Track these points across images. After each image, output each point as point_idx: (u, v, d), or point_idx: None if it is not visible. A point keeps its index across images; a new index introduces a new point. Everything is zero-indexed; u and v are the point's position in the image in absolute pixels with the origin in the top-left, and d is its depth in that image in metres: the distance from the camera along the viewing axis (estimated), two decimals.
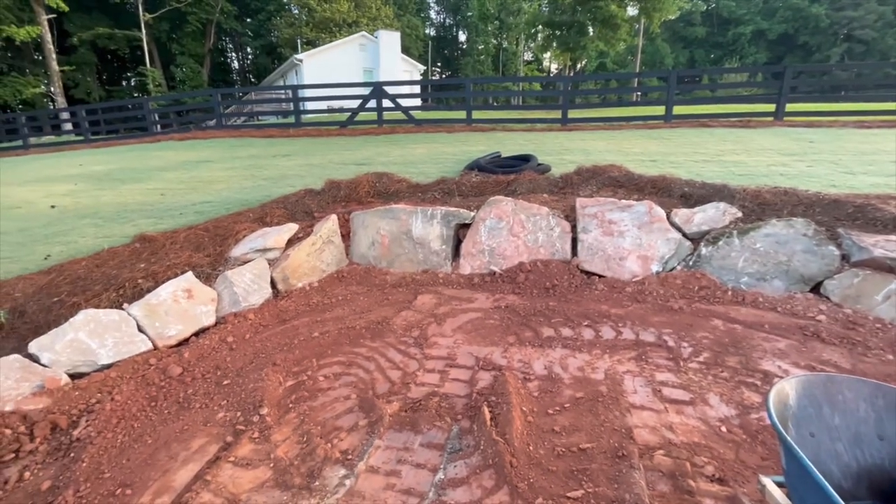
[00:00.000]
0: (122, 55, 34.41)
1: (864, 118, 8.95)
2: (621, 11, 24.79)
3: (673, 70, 11.41)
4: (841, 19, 39.45)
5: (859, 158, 5.71)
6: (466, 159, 6.29)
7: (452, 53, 51.20)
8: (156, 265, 3.53)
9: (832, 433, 1.27)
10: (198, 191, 5.88)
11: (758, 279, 3.40)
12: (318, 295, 3.67)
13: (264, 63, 39.91)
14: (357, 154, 7.56)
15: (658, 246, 3.73)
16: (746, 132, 8.14)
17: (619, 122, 9.93)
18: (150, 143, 11.51)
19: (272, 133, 11.01)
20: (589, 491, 1.69)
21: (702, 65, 45.33)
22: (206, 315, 3.17)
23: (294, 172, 6.41)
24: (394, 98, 10.94)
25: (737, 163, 5.70)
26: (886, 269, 2.99)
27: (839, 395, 1.31)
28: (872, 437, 1.26)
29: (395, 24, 33.14)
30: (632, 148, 6.94)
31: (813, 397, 1.31)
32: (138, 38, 28.88)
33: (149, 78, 28.61)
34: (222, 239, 3.98)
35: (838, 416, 1.29)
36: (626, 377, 2.44)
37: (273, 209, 4.54)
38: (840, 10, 39.40)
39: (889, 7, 38.72)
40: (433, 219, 4.19)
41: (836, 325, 2.88)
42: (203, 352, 2.84)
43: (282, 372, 2.59)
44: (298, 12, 32.99)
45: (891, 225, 3.39)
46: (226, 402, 2.36)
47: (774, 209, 3.80)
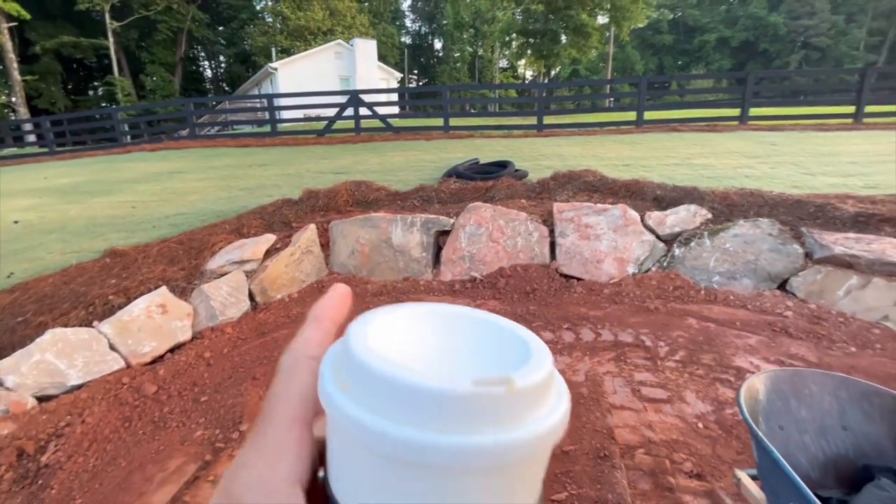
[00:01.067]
0: (89, 64, 33.41)
1: (822, 121, 9.40)
2: (592, 20, 25.45)
3: (643, 77, 11.77)
4: (798, 27, 41.47)
5: (818, 160, 5.98)
6: (445, 166, 6.33)
7: (429, 61, 51.53)
8: (128, 280, 3.42)
9: (800, 425, 1.33)
10: (171, 203, 5.74)
11: (728, 278, 3.52)
12: (297, 306, 3.63)
13: (238, 71, 39.33)
14: (335, 163, 7.51)
15: (633, 248, 3.83)
16: (714, 136, 8.44)
17: (593, 127, 10.16)
18: (120, 155, 11.19)
19: (247, 142, 10.84)
20: (573, 493, 1.72)
21: (670, 71, 46.85)
22: (182, 330, 3.09)
23: (271, 182, 6.33)
24: (371, 106, 10.93)
25: (705, 166, 5.90)
26: (846, 265, 3.14)
27: (805, 389, 1.37)
28: (837, 428, 1.32)
29: (370, 32, 33.18)
30: (606, 153, 7.11)
31: (781, 392, 1.36)
32: (105, 47, 28.11)
33: (117, 87, 27.85)
34: (197, 252, 3.90)
35: (805, 408, 1.35)
36: (606, 378, 2.48)
37: (250, 220, 4.47)
38: (797, 19, 41.43)
39: (841, 16, 40.93)
40: (413, 226, 4.19)
41: (803, 321, 3.00)
42: (179, 368, 2.77)
43: (262, 386, 2.55)
44: (272, 20, 32.71)
45: (849, 223, 3.56)
46: (204, 419, 2.30)
47: (741, 210, 3.95)
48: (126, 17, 28.50)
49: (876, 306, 2.93)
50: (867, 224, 3.50)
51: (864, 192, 4.45)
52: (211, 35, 36.95)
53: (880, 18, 41.58)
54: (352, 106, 10.84)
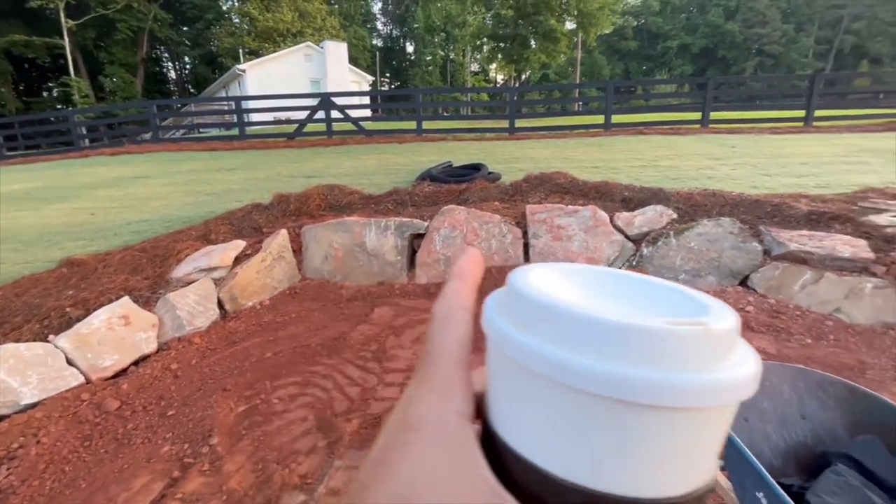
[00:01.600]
0: (42, 64, 31.76)
1: (776, 125, 9.90)
2: (560, 26, 26.04)
3: (610, 81, 12.10)
4: (752, 35, 43.62)
5: (774, 161, 6.29)
6: (418, 169, 6.32)
7: (401, 64, 51.46)
8: (86, 291, 3.26)
9: (762, 416, 1.39)
10: (133, 209, 5.51)
11: (694, 275, 3.65)
12: (269, 313, 3.54)
13: (204, 73, 38.21)
14: (306, 166, 7.39)
15: (604, 248, 3.92)
16: (678, 138, 8.76)
17: (563, 130, 10.37)
18: (78, 159, 10.66)
19: (215, 146, 10.53)
20: None
21: (635, 76, 48.42)
22: (147, 342, 2.97)
23: (240, 187, 6.17)
24: (343, 109, 10.82)
25: (670, 167, 6.11)
26: (801, 261, 3.31)
27: (766, 381, 1.43)
28: (796, 418, 1.39)
29: (341, 34, 32.88)
30: (576, 155, 7.27)
31: None
32: (60, 46, 26.79)
33: (74, 88, 26.56)
34: (162, 260, 3.75)
35: (766, 400, 1.41)
36: None
37: (218, 226, 4.34)
38: (751, 27, 43.58)
39: (791, 25, 43.30)
40: (387, 230, 4.16)
41: (763, 315, 3.14)
42: (144, 382, 2.65)
43: (233, 397, 2.47)
44: (239, 21, 31.97)
45: (803, 221, 3.76)
46: (171, 434, 2.21)
47: (705, 210, 4.11)
48: (82, 15, 27.25)
49: (828, 299, 3.10)
50: (819, 222, 3.70)
51: (815, 191, 4.71)
52: (174, 35, 35.78)
53: (826, 28, 44.25)
54: (323, 109, 10.70)
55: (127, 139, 12.86)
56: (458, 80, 46.39)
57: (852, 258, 3.15)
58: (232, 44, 29.69)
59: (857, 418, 1.33)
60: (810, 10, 43.74)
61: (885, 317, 2.92)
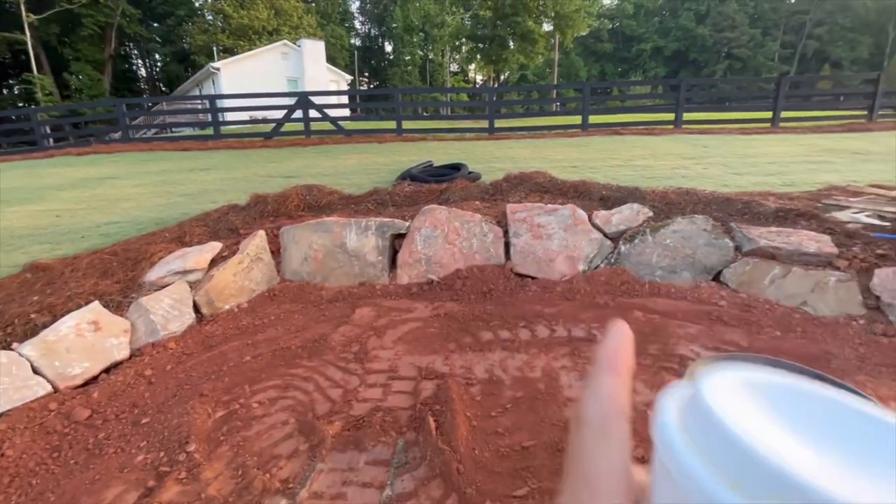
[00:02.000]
0: (2, 60, 30.32)
1: (745, 126, 10.24)
2: (537, 27, 26.32)
3: (587, 83, 12.30)
4: (722, 39, 45.03)
5: (744, 161, 6.51)
6: (399, 169, 6.30)
7: (379, 64, 51.13)
8: (53, 297, 3.13)
9: None
10: (102, 211, 5.31)
11: (669, 272, 3.74)
12: (248, 316, 3.47)
13: (176, 71, 37.14)
14: (284, 166, 7.27)
15: (583, 246, 3.98)
16: (652, 139, 8.97)
17: (542, 130, 10.49)
18: (42, 160, 10.22)
19: (188, 146, 10.25)
20: (533, 487, 1.75)
21: (611, 77, 49.35)
22: (119, 348, 2.87)
23: (215, 187, 6.02)
24: (321, 108, 10.68)
25: (646, 167, 6.25)
26: (770, 256, 3.43)
27: None
28: None
29: (318, 33, 32.46)
30: (554, 155, 7.36)
31: None
32: (22, 42, 25.63)
33: (36, 86, 25.45)
34: (134, 263, 3.63)
35: None
36: (562, 373, 2.56)
37: (192, 227, 4.23)
38: (721, 32, 44.98)
39: (758, 30, 44.88)
40: (368, 230, 4.13)
41: (735, 309, 3.24)
42: (116, 389, 2.56)
43: (210, 402, 2.41)
44: (213, 18, 31.20)
45: (771, 218, 3.90)
46: (146, 442, 2.15)
47: (679, 208, 4.22)
48: (46, 9, 26.13)
49: (795, 293, 3.23)
50: (786, 218, 3.85)
51: (782, 189, 4.89)
52: (144, 32, 34.67)
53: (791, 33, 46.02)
54: (301, 108, 10.55)
55: (94, 139, 12.40)
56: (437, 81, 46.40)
57: (817, 253, 3.29)
58: (205, 41, 28.97)
59: None
60: (776, 15, 45.44)
61: (847, 309, 3.05)
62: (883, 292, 2.99)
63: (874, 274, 3.08)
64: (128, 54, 38.54)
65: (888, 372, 2.46)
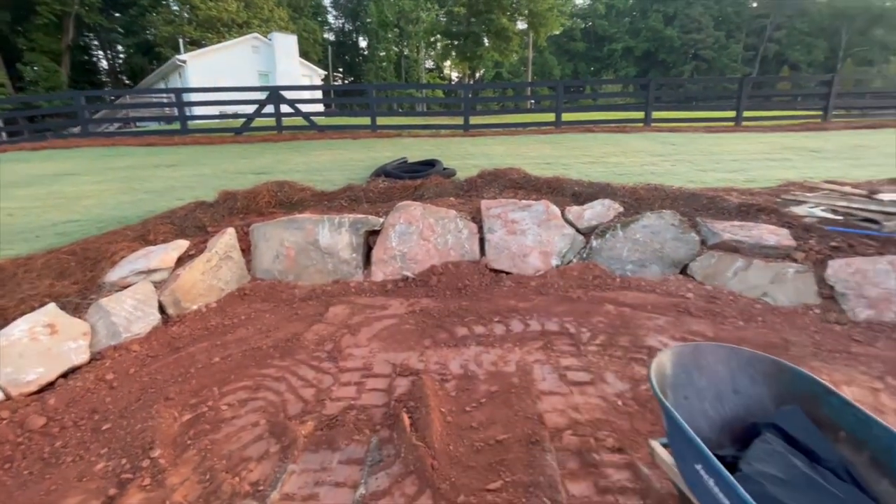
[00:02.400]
0: None
1: (710, 124, 10.59)
2: (511, 25, 26.48)
3: (560, 81, 12.48)
4: (689, 41, 46.43)
5: (709, 158, 6.73)
6: (373, 165, 6.23)
7: (354, 59, 50.41)
8: (4, 299, 2.96)
9: (700, 394, 1.48)
10: (60, 209, 5.05)
11: (639, 266, 3.83)
12: (217, 316, 3.37)
13: (140, 63, 35.60)
14: (255, 162, 7.09)
15: (556, 241, 4.04)
16: (623, 136, 9.17)
17: (516, 127, 10.57)
18: None
19: (153, 141, 9.86)
20: (507, 480, 1.77)
21: (584, 76, 50.19)
22: (77, 352, 2.74)
23: (182, 184, 5.82)
24: (293, 103, 10.45)
25: (617, 164, 6.38)
26: (733, 249, 3.56)
27: (703, 361, 1.53)
28: (729, 393, 1.50)
29: (290, 26, 31.72)
30: (528, 152, 7.43)
31: (684, 365, 1.51)
32: None
33: None
34: (94, 263, 3.47)
35: (704, 378, 1.50)
36: (535, 366, 2.59)
37: (157, 225, 4.07)
38: (688, 33, 46.37)
39: (722, 32, 46.49)
40: (341, 227, 4.07)
41: (701, 301, 3.35)
42: (75, 395, 2.45)
43: (176, 406, 2.33)
44: (179, 9, 30.03)
45: (734, 213, 4.05)
46: (106, 449, 2.06)
47: (648, 203, 4.32)
48: None
49: (757, 284, 3.36)
50: (748, 213, 4.00)
51: (744, 185, 5.08)
52: (105, 21, 33.08)
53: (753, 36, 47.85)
54: (272, 103, 10.29)
55: (51, 133, 11.78)
56: (413, 77, 46.13)
57: (777, 246, 3.43)
58: (171, 32, 27.83)
59: (782, 390, 1.45)
60: (739, 18, 47.13)
61: (804, 298, 3.20)
62: (836, 282, 3.14)
63: (828, 265, 3.24)
64: (87, 45, 36.69)
65: (841, 358, 2.59)
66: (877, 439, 1.19)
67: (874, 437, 1.20)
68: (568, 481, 1.77)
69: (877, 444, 1.19)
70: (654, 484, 1.71)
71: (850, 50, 42.97)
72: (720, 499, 1.09)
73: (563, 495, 1.69)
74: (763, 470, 1.14)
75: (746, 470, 1.16)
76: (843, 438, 1.28)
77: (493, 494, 1.70)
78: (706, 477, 1.14)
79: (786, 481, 1.11)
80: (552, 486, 1.71)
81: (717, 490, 1.10)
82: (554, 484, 1.72)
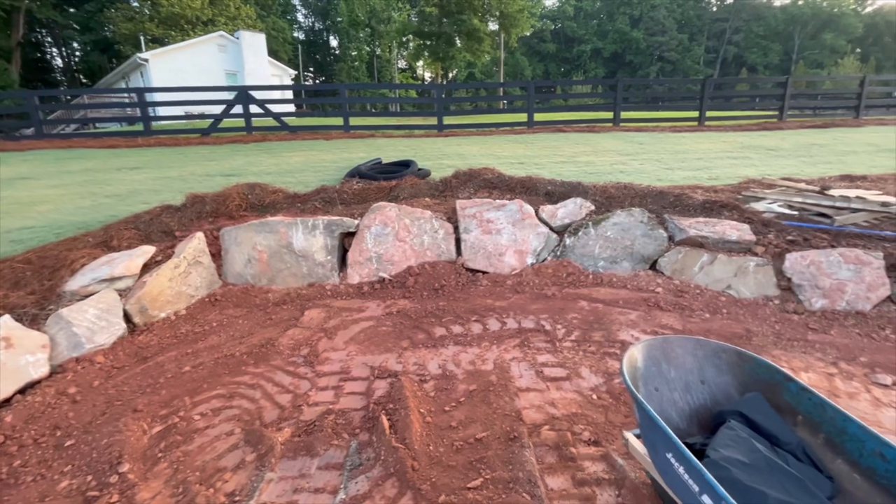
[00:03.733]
0: None
1: (675, 124, 10.96)
2: (483, 25, 26.68)
3: (532, 81, 12.65)
4: (654, 43, 47.92)
5: (675, 157, 6.97)
6: (346, 166, 6.17)
7: (325, 58, 49.70)
8: None
9: (670, 385, 1.54)
10: (13, 215, 4.78)
11: (611, 262, 3.94)
12: (187, 324, 3.26)
13: (98, 62, 34.08)
14: (224, 164, 6.90)
15: (531, 240, 4.10)
16: (593, 136, 9.38)
17: (489, 127, 10.67)
18: None
19: (115, 143, 9.45)
20: (487, 478, 1.79)
21: (554, 77, 51.05)
22: (36, 365, 2.60)
23: (146, 187, 5.60)
24: (263, 104, 10.23)
25: (587, 162, 6.53)
26: (699, 245, 3.70)
27: (672, 353, 1.59)
28: (697, 383, 1.56)
29: (257, 24, 30.98)
30: (502, 152, 7.51)
31: (654, 358, 1.56)
32: None
33: None
34: (52, 271, 3.30)
35: (673, 369, 1.56)
36: (513, 364, 2.63)
37: (121, 231, 3.91)
38: (653, 36, 47.86)
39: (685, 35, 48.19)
40: (315, 229, 4.02)
41: (670, 295, 3.47)
42: (34, 411, 2.33)
43: (146, 418, 2.25)
44: (139, 5, 28.86)
45: (699, 209, 4.21)
46: (70, 466, 1.97)
47: (618, 201, 4.44)
48: None
49: (721, 278, 3.51)
50: (712, 210, 4.17)
51: (708, 183, 5.30)
52: (59, 17, 31.50)
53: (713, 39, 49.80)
54: (241, 103, 10.03)
55: (3, 135, 11.12)
56: (385, 77, 45.84)
57: (739, 241, 3.59)
58: (131, 30, 26.71)
59: (746, 379, 1.52)
60: (700, 21, 48.98)
61: (765, 290, 3.36)
62: (793, 274, 3.31)
63: (786, 258, 3.41)
64: (40, 42, 34.85)
65: (799, 345, 2.73)
66: (830, 422, 1.27)
67: (828, 420, 1.28)
68: (546, 475, 1.80)
69: (830, 426, 1.27)
70: (628, 473, 1.76)
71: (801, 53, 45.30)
72: (690, 485, 1.13)
73: (542, 489, 1.72)
74: (729, 455, 1.20)
75: (713, 456, 1.22)
76: (800, 422, 1.35)
77: (473, 492, 1.72)
78: (676, 465, 1.18)
79: (750, 465, 1.17)
80: (531, 482, 1.74)
81: (688, 477, 1.14)
82: (533, 479, 1.75)
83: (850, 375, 2.41)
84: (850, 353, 2.61)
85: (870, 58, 43.27)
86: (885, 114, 13.59)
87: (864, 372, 2.44)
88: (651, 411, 1.26)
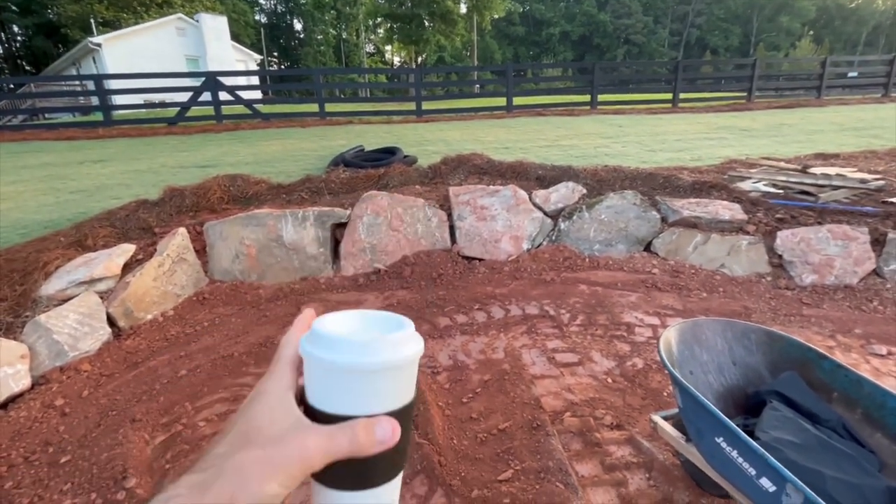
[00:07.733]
0: None
1: (650, 106, 11.13)
2: (456, 7, 26.23)
3: (509, 64, 12.55)
4: (620, 25, 48.41)
5: (655, 138, 7.07)
6: (329, 155, 5.97)
7: (289, 43, 47.91)
8: None
9: (703, 367, 1.54)
10: None
11: (606, 245, 3.96)
12: (176, 325, 3.10)
13: (43, 47, 31.74)
14: (198, 155, 6.56)
15: (526, 226, 4.07)
16: (572, 119, 9.41)
17: (469, 112, 10.53)
18: None
19: (74, 134, 8.83)
20: (517, 469, 1.77)
21: (524, 60, 50.94)
22: (16, 378, 2.41)
23: (116, 181, 5.26)
24: (232, 90, 9.76)
25: (571, 146, 6.54)
26: (692, 225, 3.77)
27: (703, 335, 1.59)
28: (729, 364, 1.57)
29: (217, 7, 29.47)
30: (486, 136, 7.43)
31: (686, 341, 1.56)
32: None
33: None
34: (23, 275, 3.05)
35: (705, 352, 1.56)
36: (524, 351, 2.61)
37: (95, 229, 3.65)
38: (619, 18, 48.31)
39: (650, 18, 48.85)
40: (306, 221, 3.87)
41: (666, 275, 3.53)
42: (19, 427, 2.16)
43: (146, 427, 2.12)
44: None
45: (689, 190, 4.28)
46: (70, 485, 1.83)
47: (609, 184, 4.47)
48: None
49: (715, 257, 3.58)
50: (701, 190, 4.24)
51: (691, 164, 5.39)
52: None
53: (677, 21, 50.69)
54: (209, 90, 9.54)
55: None
56: (353, 62, 44.62)
57: (731, 220, 3.67)
58: (78, 12, 24.92)
59: (776, 358, 1.53)
60: (664, 4, 49.69)
61: (757, 268, 3.46)
62: (784, 251, 3.42)
63: (776, 236, 3.51)
64: None
65: (796, 320, 2.82)
66: (869, 397, 1.30)
67: (866, 395, 1.30)
68: (575, 462, 1.80)
69: (869, 401, 1.29)
70: (657, 456, 1.78)
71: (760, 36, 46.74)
72: (745, 468, 1.13)
73: (574, 477, 1.71)
74: (779, 436, 1.21)
75: (764, 438, 1.22)
76: (835, 399, 1.38)
77: (506, 485, 1.70)
78: (729, 448, 1.18)
79: (800, 445, 1.18)
80: (562, 470, 1.73)
81: (742, 460, 1.14)
82: (563, 467, 1.74)
83: (848, 347, 2.51)
84: (845, 326, 2.72)
85: (823, 40, 45.10)
86: (843, 93, 14.20)
87: (860, 343, 2.54)
88: (700, 397, 1.25)
